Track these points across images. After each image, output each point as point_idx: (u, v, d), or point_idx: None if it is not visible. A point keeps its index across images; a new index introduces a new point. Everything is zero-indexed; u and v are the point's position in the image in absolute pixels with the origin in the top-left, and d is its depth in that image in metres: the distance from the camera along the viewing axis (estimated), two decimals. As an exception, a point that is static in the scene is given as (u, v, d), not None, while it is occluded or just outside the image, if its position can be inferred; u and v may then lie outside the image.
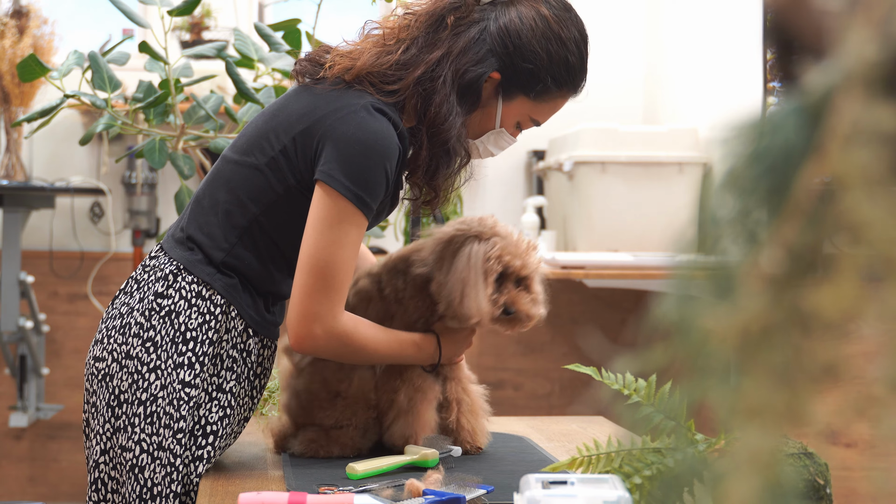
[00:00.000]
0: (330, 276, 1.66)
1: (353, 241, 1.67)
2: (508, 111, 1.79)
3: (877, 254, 0.38)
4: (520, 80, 1.75)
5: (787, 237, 0.40)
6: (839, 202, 0.39)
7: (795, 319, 0.39)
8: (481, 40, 1.74)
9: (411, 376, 1.82)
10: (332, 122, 1.67)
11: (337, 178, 1.65)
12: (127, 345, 1.72)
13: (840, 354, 0.39)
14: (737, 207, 0.43)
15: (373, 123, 1.67)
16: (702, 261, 0.43)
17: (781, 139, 0.42)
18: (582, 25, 1.79)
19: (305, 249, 1.67)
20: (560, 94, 1.78)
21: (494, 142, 1.83)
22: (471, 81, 1.73)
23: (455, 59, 1.73)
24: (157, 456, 1.69)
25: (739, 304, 0.40)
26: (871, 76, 0.39)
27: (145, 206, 4.31)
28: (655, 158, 3.75)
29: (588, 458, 1.32)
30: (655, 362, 0.43)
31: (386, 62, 1.74)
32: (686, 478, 1.09)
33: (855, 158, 0.39)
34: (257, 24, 2.56)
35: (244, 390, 1.78)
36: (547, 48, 1.74)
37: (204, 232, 1.75)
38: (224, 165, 1.79)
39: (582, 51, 1.78)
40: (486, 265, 1.76)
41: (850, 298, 0.38)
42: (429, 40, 1.75)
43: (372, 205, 1.68)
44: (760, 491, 0.35)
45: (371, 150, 1.65)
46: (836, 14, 0.43)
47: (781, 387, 0.37)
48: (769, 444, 0.37)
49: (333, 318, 1.68)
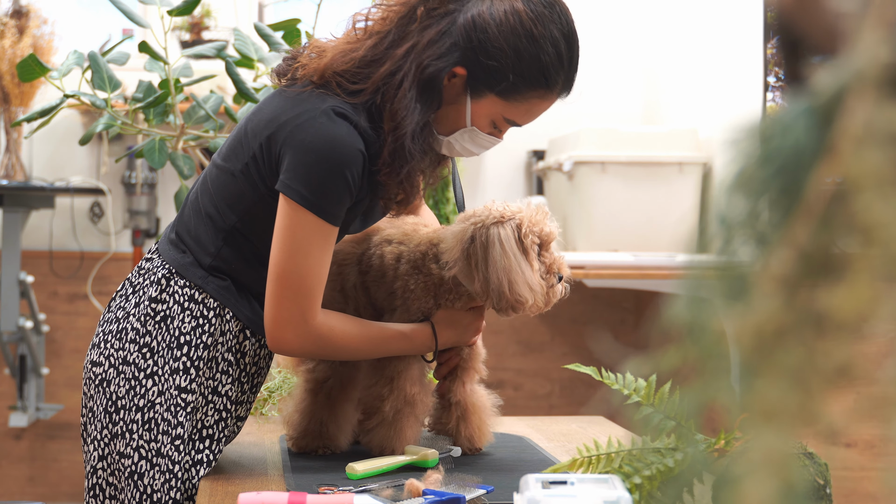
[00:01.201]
0: (296, 285, 1.64)
1: (319, 248, 1.64)
2: (479, 109, 1.69)
3: (889, 254, 0.38)
4: (485, 77, 1.65)
5: (799, 238, 0.40)
6: (851, 203, 0.39)
7: (809, 321, 0.39)
8: (448, 33, 1.65)
9: (402, 384, 1.77)
10: (292, 130, 1.63)
11: (295, 188, 1.61)
12: (124, 350, 1.72)
13: (854, 355, 0.39)
14: (748, 209, 0.43)
15: (331, 130, 1.61)
16: (713, 262, 0.43)
17: (792, 140, 0.42)
18: (566, 24, 1.67)
19: (272, 259, 1.65)
20: (534, 94, 1.67)
21: (471, 140, 1.73)
22: (431, 76, 1.64)
23: (420, 52, 1.65)
24: (156, 462, 1.68)
25: (752, 305, 0.39)
26: (883, 77, 0.39)
27: (145, 206, 4.31)
28: (655, 158, 3.75)
29: (588, 459, 1.32)
30: (668, 364, 0.43)
31: (351, 59, 1.67)
32: (686, 478, 1.09)
33: (867, 159, 0.38)
34: (257, 24, 2.56)
35: (239, 391, 1.77)
36: (515, 45, 1.63)
37: (192, 235, 1.75)
38: (210, 169, 1.77)
39: (560, 50, 1.66)
40: (524, 244, 1.70)
41: (863, 299, 0.38)
42: (400, 34, 1.67)
43: (334, 211, 1.63)
44: (776, 492, 0.35)
45: (328, 158, 1.60)
46: (847, 15, 0.43)
47: (795, 388, 0.37)
48: (784, 445, 0.37)
49: (305, 323, 1.65)
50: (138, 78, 2.82)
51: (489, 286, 1.69)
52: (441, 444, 1.85)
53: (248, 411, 1.81)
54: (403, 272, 1.79)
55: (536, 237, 1.71)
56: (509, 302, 1.69)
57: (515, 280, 1.68)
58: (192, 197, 1.79)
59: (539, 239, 1.72)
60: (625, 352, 0.54)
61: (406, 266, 1.78)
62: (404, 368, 1.78)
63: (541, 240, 1.72)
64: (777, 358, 0.38)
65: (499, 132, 1.74)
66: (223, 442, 1.76)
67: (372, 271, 1.82)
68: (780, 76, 3.15)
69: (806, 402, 0.37)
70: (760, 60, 3.30)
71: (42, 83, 3.91)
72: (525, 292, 1.69)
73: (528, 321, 4.41)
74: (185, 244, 1.75)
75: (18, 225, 4.02)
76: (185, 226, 1.76)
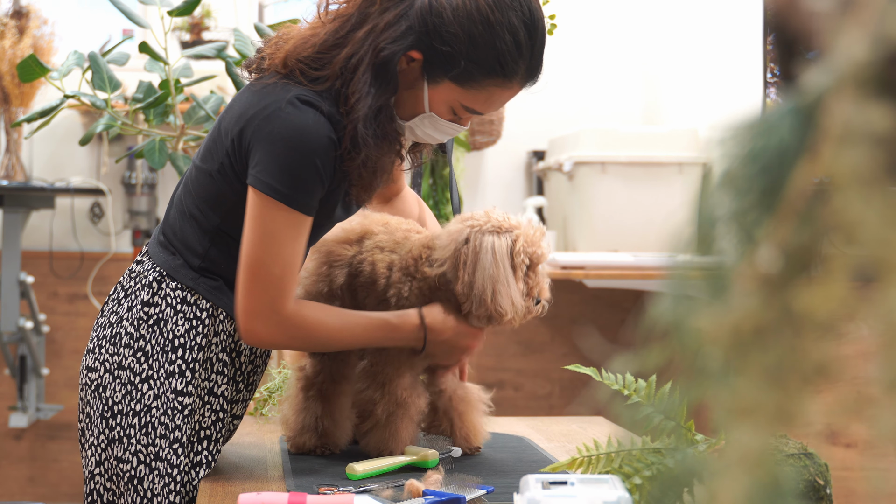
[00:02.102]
0: (265, 274, 1.61)
1: (291, 238, 1.61)
2: (436, 95, 1.65)
3: (869, 254, 0.38)
4: (440, 62, 1.61)
5: (781, 237, 0.41)
6: (832, 202, 0.39)
7: (788, 319, 0.39)
8: (405, 16, 1.60)
9: (394, 389, 1.77)
10: (259, 123, 1.60)
11: (264, 180, 1.58)
12: (119, 355, 1.70)
13: (832, 354, 0.39)
14: (732, 207, 0.43)
15: (298, 118, 1.58)
16: (697, 261, 0.43)
17: (776, 140, 0.43)
18: (527, 11, 1.62)
19: (243, 249, 1.63)
20: (492, 82, 1.63)
21: (432, 126, 1.69)
22: (384, 60, 1.60)
23: (376, 35, 1.61)
24: (155, 467, 1.67)
25: (732, 303, 0.40)
26: (862, 77, 0.39)
27: (145, 206, 4.31)
28: (655, 159, 3.75)
29: (588, 459, 1.33)
30: (652, 362, 0.43)
31: (312, 45, 1.63)
32: (686, 478, 1.09)
33: (847, 159, 0.39)
34: (257, 25, 2.56)
35: (235, 390, 1.76)
36: (470, 31, 1.59)
37: (178, 237, 1.73)
38: (190, 170, 1.75)
39: (518, 38, 1.60)
40: (515, 260, 1.71)
41: (841, 299, 0.38)
42: (361, 17, 1.63)
43: (305, 201, 1.60)
44: (750, 491, 0.35)
45: (296, 148, 1.57)
46: (827, 15, 0.43)
47: (773, 386, 0.37)
48: (760, 443, 0.37)
49: (276, 313, 1.62)
50: (138, 78, 2.83)
51: (472, 290, 1.70)
52: (441, 444, 1.85)
53: (244, 409, 1.81)
54: (396, 280, 1.78)
55: (528, 258, 1.72)
56: (489, 310, 1.70)
57: (500, 291, 1.69)
58: (176, 198, 1.77)
59: (530, 260, 1.73)
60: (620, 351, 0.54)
61: (398, 274, 1.78)
62: (396, 376, 1.78)
63: (531, 261, 1.73)
64: (755, 356, 0.38)
65: (459, 119, 1.70)
66: (221, 442, 1.76)
67: (362, 276, 1.81)
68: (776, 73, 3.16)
69: (784, 401, 0.37)
70: (760, 60, 3.31)
71: (42, 83, 3.91)
72: (507, 305, 1.70)
73: (528, 321, 4.41)
74: (174, 246, 1.73)
75: (18, 225, 4.02)
76: (172, 227, 1.74)
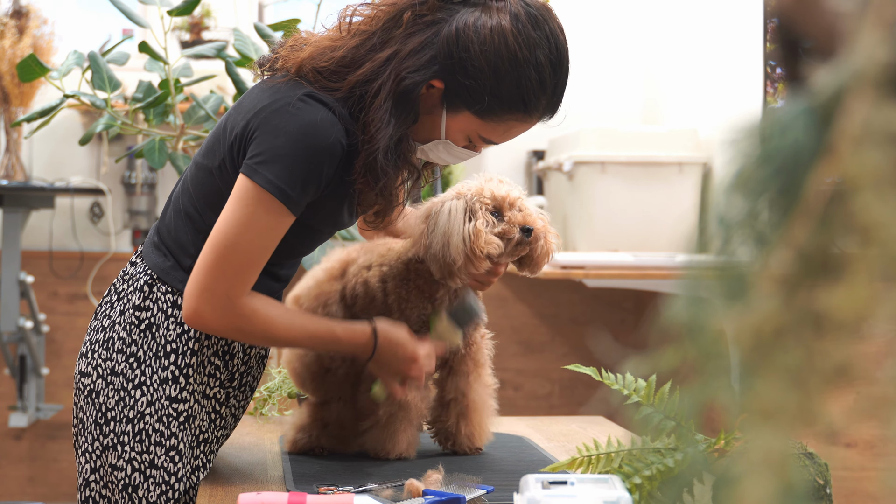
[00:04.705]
0: (229, 256, 1.55)
1: (265, 226, 1.55)
2: (454, 123, 1.62)
3: (888, 254, 0.38)
4: (462, 94, 1.58)
5: (798, 238, 0.40)
6: (850, 203, 0.39)
7: (807, 320, 0.39)
8: (430, 44, 1.57)
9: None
10: (267, 115, 1.55)
11: (260, 170, 1.54)
12: (111, 360, 1.67)
13: (852, 355, 0.39)
14: (746, 209, 0.43)
15: (307, 115, 1.54)
16: (712, 262, 0.43)
17: (791, 140, 0.42)
18: (554, 48, 1.58)
19: (215, 227, 1.58)
20: (512, 117, 1.60)
21: (446, 151, 1.67)
22: (407, 89, 1.56)
23: (399, 62, 1.57)
24: (150, 474, 1.64)
25: (751, 305, 0.39)
26: (882, 77, 0.39)
27: (145, 206, 4.31)
28: (655, 158, 3.75)
29: (588, 459, 1.33)
30: (667, 364, 0.43)
31: (330, 58, 1.60)
32: (686, 478, 1.09)
33: (865, 159, 0.38)
34: (257, 24, 2.56)
35: (230, 393, 1.74)
36: (496, 67, 1.55)
37: (172, 237, 1.69)
38: (190, 167, 1.71)
39: (543, 76, 1.57)
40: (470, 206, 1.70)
41: (861, 299, 0.38)
42: (384, 37, 1.59)
43: (296, 198, 1.55)
44: (774, 492, 0.35)
45: (301, 143, 1.53)
46: (846, 15, 0.43)
47: (794, 388, 0.37)
48: (782, 445, 0.37)
49: (228, 300, 1.57)
50: (138, 78, 2.83)
51: (430, 251, 1.70)
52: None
53: (243, 411, 1.80)
54: (393, 287, 1.78)
55: (487, 199, 1.71)
56: (446, 263, 1.69)
57: (449, 242, 1.68)
58: (173, 196, 1.74)
59: (491, 201, 1.71)
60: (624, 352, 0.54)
61: (393, 282, 1.78)
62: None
63: (495, 201, 1.72)
64: (776, 358, 0.38)
65: (474, 147, 1.67)
66: (218, 443, 1.75)
67: (359, 301, 1.80)
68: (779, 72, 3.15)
69: (805, 402, 0.37)
70: (760, 60, 3.30)
71: (42, 83, 3.91)
72: (457, 249, 1.68)
73: (529, 321, 4.41)
74: (167, 247, 1.69)
75: (18, 225, 4.02)
76: (167, 226, 1.71)
